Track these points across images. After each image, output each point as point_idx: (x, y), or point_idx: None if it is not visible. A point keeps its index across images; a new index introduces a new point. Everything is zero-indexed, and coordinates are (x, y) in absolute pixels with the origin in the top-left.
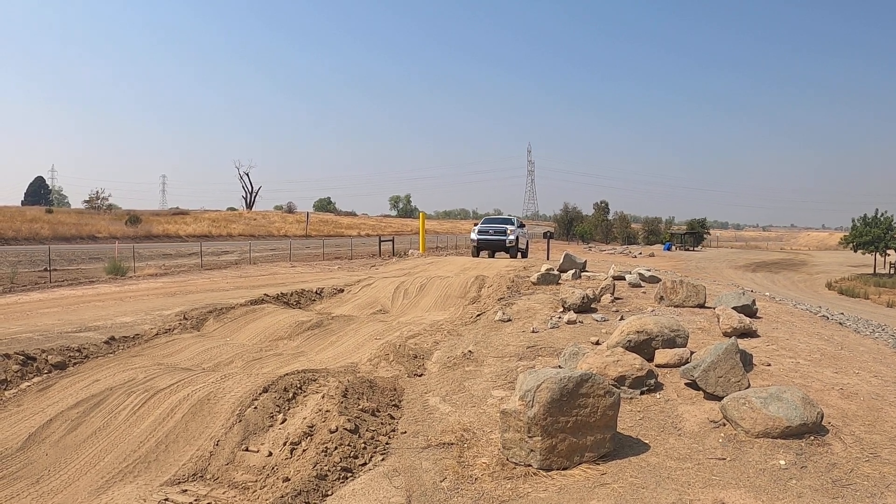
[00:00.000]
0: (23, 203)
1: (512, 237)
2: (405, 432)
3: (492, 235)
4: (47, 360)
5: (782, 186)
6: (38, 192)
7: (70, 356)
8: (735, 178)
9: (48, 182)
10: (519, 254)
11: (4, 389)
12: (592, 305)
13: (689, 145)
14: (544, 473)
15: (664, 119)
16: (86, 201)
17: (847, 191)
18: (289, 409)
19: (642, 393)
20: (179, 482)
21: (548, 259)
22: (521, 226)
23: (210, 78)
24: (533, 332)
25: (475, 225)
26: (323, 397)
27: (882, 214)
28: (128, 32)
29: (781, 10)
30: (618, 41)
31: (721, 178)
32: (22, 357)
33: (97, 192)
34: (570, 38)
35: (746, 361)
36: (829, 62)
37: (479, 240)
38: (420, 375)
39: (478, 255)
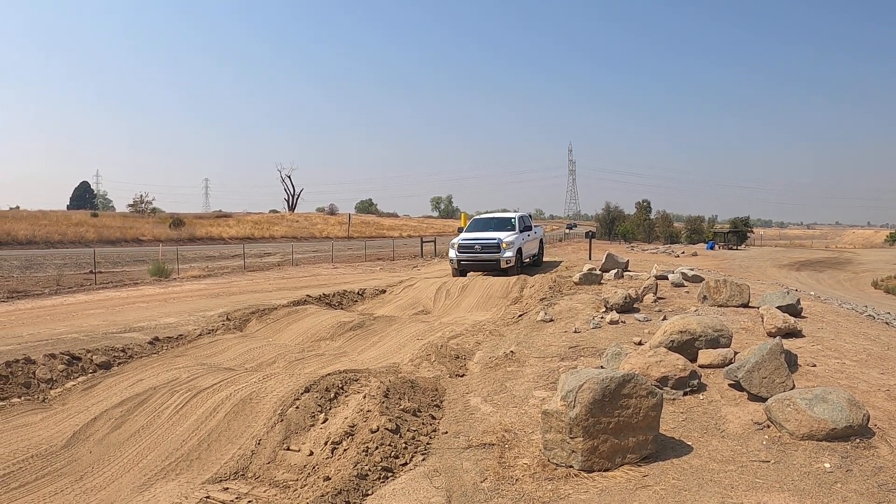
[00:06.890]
0: (68, 207)
1: (509, 253)
2: (446, 432)
3: (479, 252)
4: (92, 360)
5: (826, 184)
6: (84, 197)
7: (114, 356)
8: (779, 175)
9: (93, 186)
10: (528, 260)
11: (50, 388)
12: (635, 305)
13: (733, 144)
14: (585, 475)
15: (707, 119)
16: (130, 205)
17: (893, 187)
18: (330, 409)
19: (685, 394)
20: (221, 480)
21: (590, 259)
22: (528, 227)
23: (253, 82)
24: (575, 332)
25: (459, 230)
26: (364, 397)
27: None
28: (172, 39)
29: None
30: (657, 45)
31: (765, 176)
32: (67, 357)
33: (141, 195)
34: (609, 43)
35: (791, 362)
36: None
37: (459, 259)
38: (462, 376)
39: (464, 276)
